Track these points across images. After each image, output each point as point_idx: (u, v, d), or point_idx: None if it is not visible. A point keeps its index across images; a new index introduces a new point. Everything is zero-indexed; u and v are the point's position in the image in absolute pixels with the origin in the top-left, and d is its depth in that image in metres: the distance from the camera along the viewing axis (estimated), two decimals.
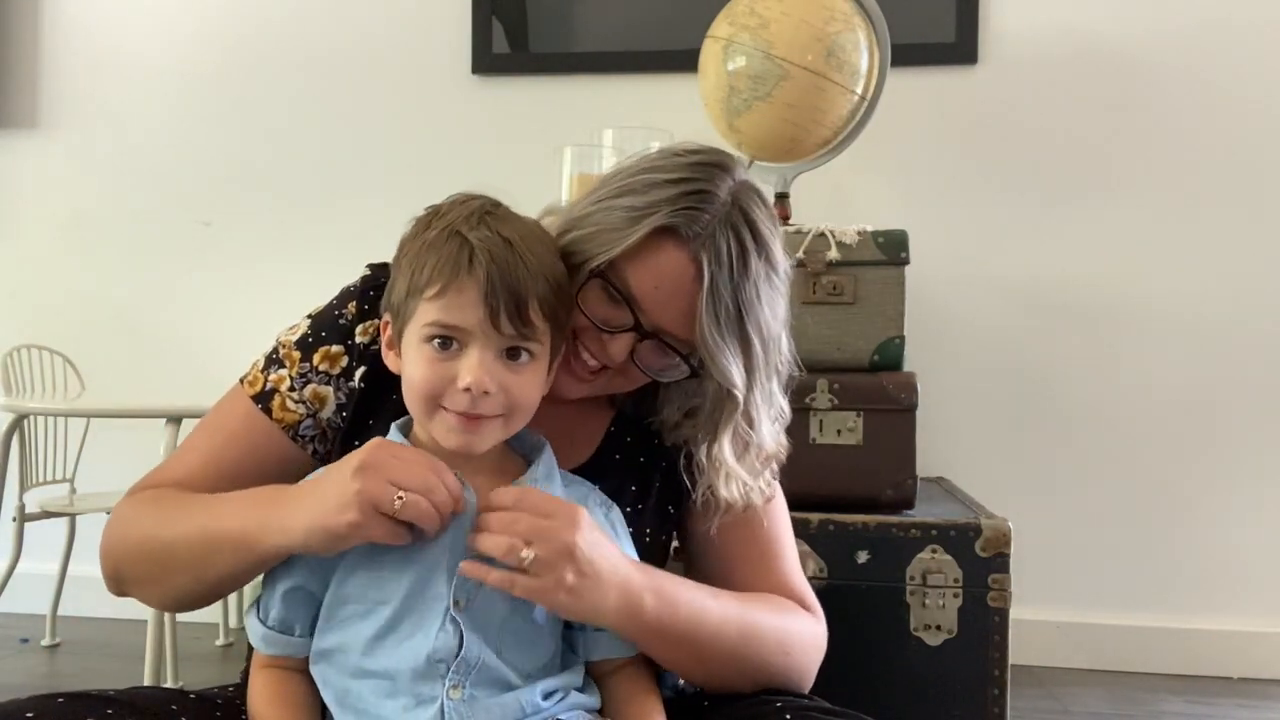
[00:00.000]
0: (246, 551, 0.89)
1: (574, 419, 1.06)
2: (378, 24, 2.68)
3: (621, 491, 1.03)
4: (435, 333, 0.86)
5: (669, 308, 0.94)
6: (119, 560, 0.98)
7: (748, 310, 0.94)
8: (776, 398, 1.02)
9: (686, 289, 0.93)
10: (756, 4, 1.97)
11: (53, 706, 0.85)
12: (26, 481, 2.39)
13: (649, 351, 0.97)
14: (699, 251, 0.93)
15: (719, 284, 0.92)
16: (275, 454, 1.00)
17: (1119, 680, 2.34)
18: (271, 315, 1.51)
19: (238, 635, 2.55)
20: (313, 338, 1.02)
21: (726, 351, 0.94)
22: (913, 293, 1.80)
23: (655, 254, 0.94)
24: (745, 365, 0.96)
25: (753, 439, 1.00)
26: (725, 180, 0.96)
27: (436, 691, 0.84)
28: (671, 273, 0.94)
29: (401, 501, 0.82)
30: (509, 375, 0.87)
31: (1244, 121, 2.41)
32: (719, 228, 0.93)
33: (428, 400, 0.87)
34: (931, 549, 1.63)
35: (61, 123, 2.81)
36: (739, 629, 0.97)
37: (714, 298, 0.92)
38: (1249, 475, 2.41)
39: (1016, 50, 2.47)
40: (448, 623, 0.86)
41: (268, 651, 0.91)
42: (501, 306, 0.85)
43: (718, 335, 0.93)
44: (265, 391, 1.00)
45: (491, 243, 0.86)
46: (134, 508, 0.99)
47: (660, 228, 0.93)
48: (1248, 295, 2.41)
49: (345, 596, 0.88)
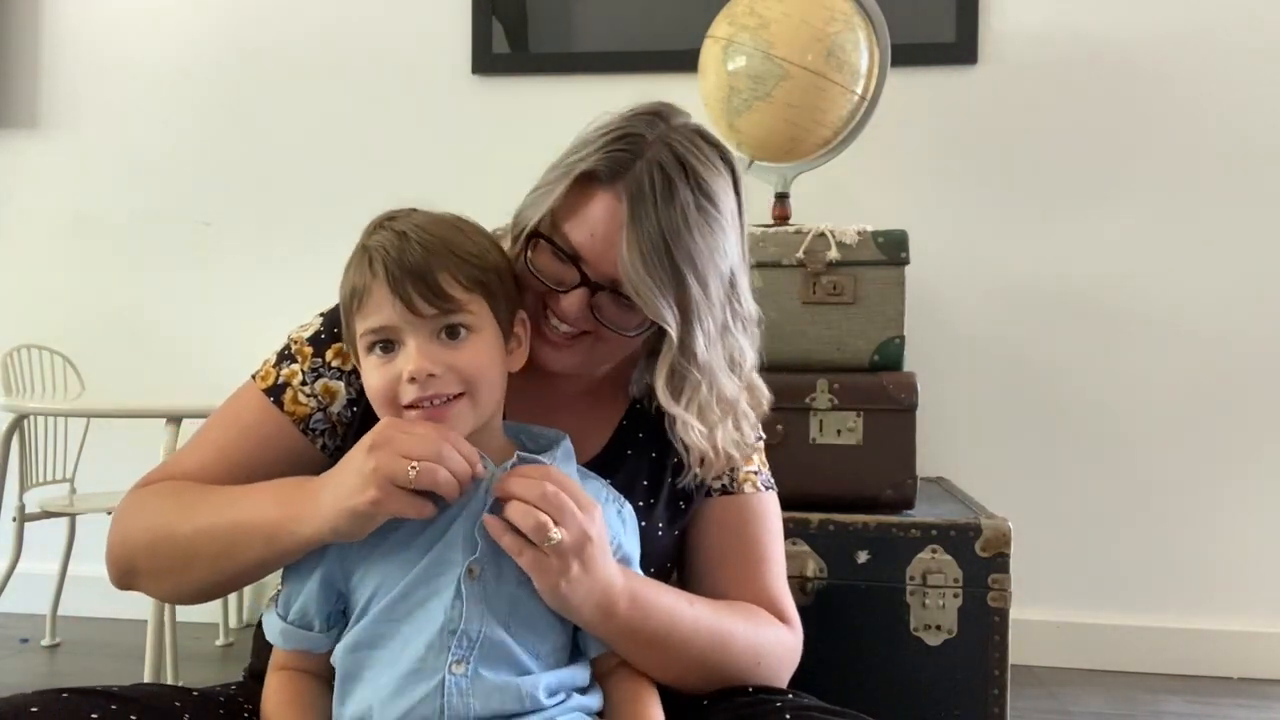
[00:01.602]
0: (277, 542, 0.90)
1: (585, 414, 1.06)
2: (378, 24, 2.68)
3: (633, 486, 1.03)
4: (371, 340, 0.89)
5: (608, 253, 0.94)
6: (133, 552, 0.97)
7: (674, 240, 0.92)
8: (737, 342, 1.01)
9: (618, 230, 0.93)
10: (756, 4, 1.97)
11: (57, 701, 0.86)
12: (26, 481, 2.39)
13: (609, 306, 0.96)
14: (621, 189, 0.93)
15: (639, 215, 0.92)
16: (286, 447, 1.00)
17: (1119, 680, 2.34)
18: (271, 315, 1.51)
19: (238, 635, 2.55)
20: (325, 334, 1.03)
21: (653, 285, 0.92)
22: (913, 293, 1.80)
23: (585, 202, 0.95)
24: (679, 300, 0.94)
25: (696, 379, 0.97)
26: (657, 125, 0.96)
27: (441, 663, 0.85)
28: (601, 216, 0.94)
29: (415, 471, 0.82)
30: (451, 354, 0.88)
31: (1244, 121, 2.41)
32: (643, 165, 0.93)
33: (388, 405, 0.89)
34: (931, 549, 1.63)
35: (61, 123, 2.81)
36: (710, 636, 0.97)
37: (636, 228, 0.92)
38: (1249, 475, 2.41)
39: (1016, 50, 2.47)
40: (459, 592, 0.86)
41: (285, 647, 0.92)
42: (411, 290, 0.86)
43: (642, 267, 0.92)
44: (277, 385, 1.01)
45: (385, 240, 0.89)
46: (149, 500, 0.98)
47: (583, 174, 0.95)
48: (1248, 295, 2.42)
49: (370, 582, 0.89)
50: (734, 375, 1.01)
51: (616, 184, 0.93)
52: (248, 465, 0.99)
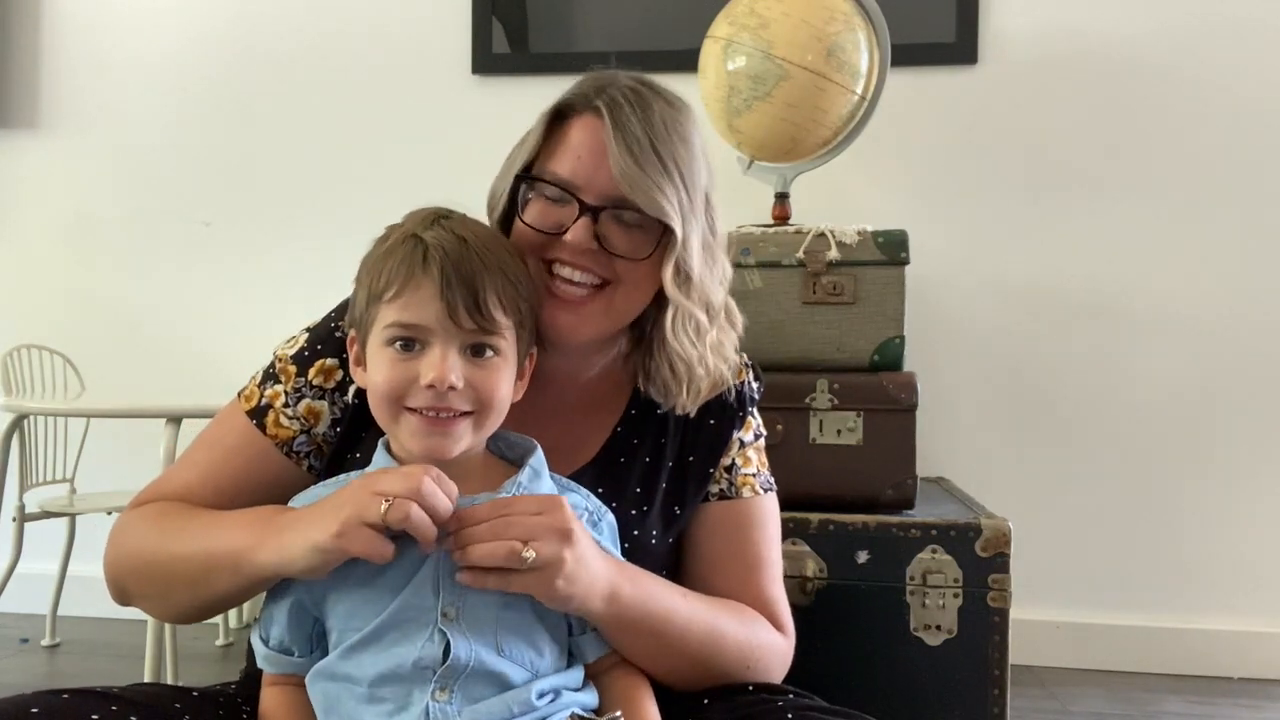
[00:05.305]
0: (242, 573, 0.89)
1: (580, 420, 1.06)
2: (378, 24, 2.68)
3: (625, 492, 1.03)
4: (396, 334, 0.87)
5: (600, 171, 0.97)
6: (122, 574, 0.99)
7: (657, 139, 0.96)
8: (718, 255, 1.04)
9: (603, 144, 0.96)
10: (756, 4, 1.97)
11: (57, 702, 0.86)
12: (26, 481, 2.39)
13: (614, 232, 0.98)
14: (600, 106, 0.97)
15: (621, 121, 0.96)
16: (271, 469, 1.00)
17: (1119, 680, 2.34)
18: (271, 315, 1.51)
19: (238, 635, 2.55)
20: (309, 351, 1.02)
21: (649, 179, 0.95)
22: (913, 293, 1.80)
23: (564, 134, 1.00)
24: (675, 193, 0.97)
25: (693, 274, 0.99)
26: (618, 75, 1.02)
27: (422, 695, 0.83)
28: (584, 138, 0.98)
29: (388, 506, 0.80)
30: (474, 371, 0.87)
31: (1244, 121, 2.41)
32: (613, 90, 0.99)
33: (391, 402, 0.87)
34: (931, 549, 1.63)
35: (61, 123, 2.80)
36: (704, 632, 0.98)
37: (620, 133, 0.95)
38: (1249, 475, 2.41)
39: (1016, 50, 2.47)
40: (435, 634, 0.85)
41: (271, 671, 0.91)
42: (459, 301, 0.85)
43: (634, 163, 0.95)
44: (260, 407, 1.01)
45: (445, 240, 0.88)
46: (136, 522, 0.99)
47: (557, 110, 1.01)
48: (1248, 295, 2.41)
49: (338, 616, 0.88)
50: (722, 286, 1.05)
51: (592, 104, 0.98)
52: (232, 488, 0.99)
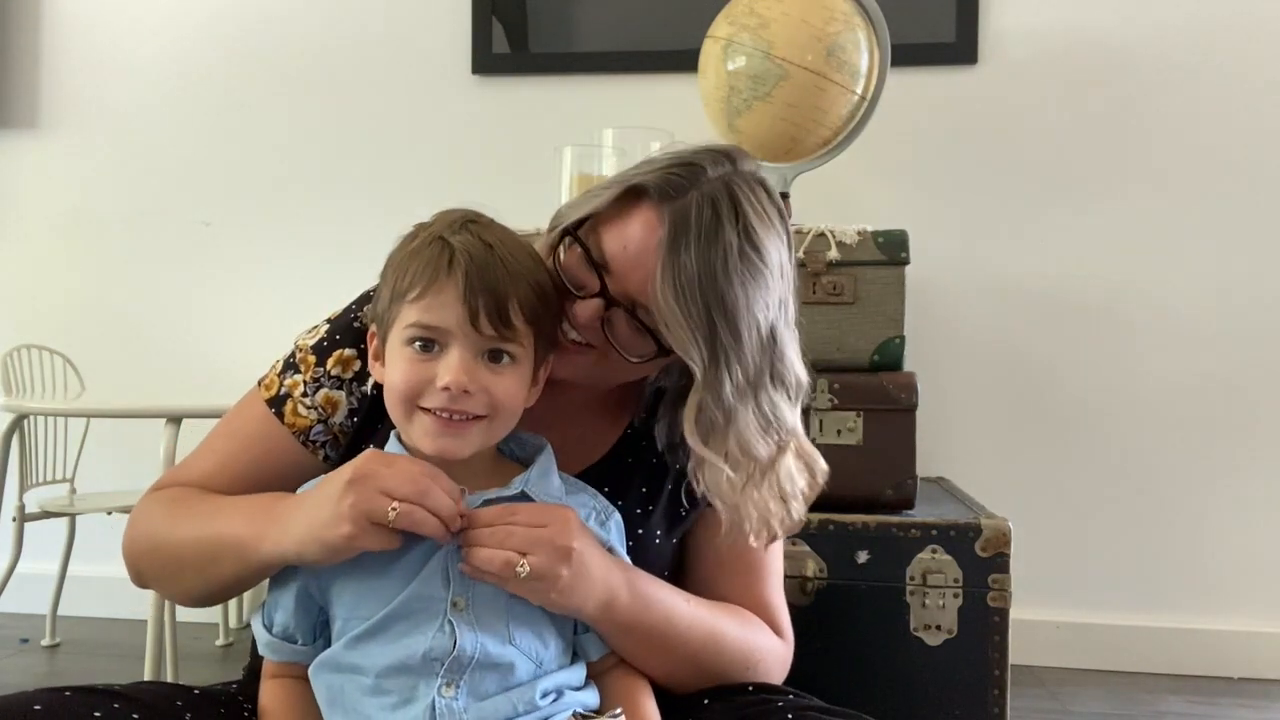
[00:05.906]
0: (245, 560, 0.91)
1: (590, 420, 1.06)
2: (377, 24, 2.68)
3: (629, 491, 1.03)
4: (416, 334, 0.87)
5: (636, 271, 0.91)
6: (137, 556, 1.01)
7: (708, 279, 0.88)
8: (771, 400, 0.94)
9: (653, 251, 0.90)
10: (756, 4, 1.97)
11: (60, 700, 0.86)
12: (26, 481, 2.38)
13: (621, 325, 0.94)
14: (666, 213, 0.90)
15: (679, 246, 0.88)
16: (288, 458, 1.01)
17: (1119, 680, 2.34)
18: (271, 315, 1.51)
19: (238, 635, 2.55)
20: (328, 341, 1.03)
21: (682, 319, 0.88)
22: (913, 293, 1.80)
23: (627, 214, 0.93)
24: (707, 341, 0.89)
25: (723, 426, 0.92)
26: (723, 163, 0.93)
27: (429, 689, 0.84)
28: (639, 233, 0.91)
29: (396, 513, 0.82)
30: (490, 376, 0.87)
31: (1244, 121, 2.41)
32: (695, 196, 0.90)
33: (406, 401, 0.88)
34: (931, 549, 1.63)
35: (61, 123, 2.81)
36: (705, 635, 0.98)
37: (673, 259, 0.88)
38: (1249, 475, 2.41)
39: (1016, 50, 2.47)
40: (445, 624, 0.86)
41: (273, 658, 0.92)
42: (481, 306, 0.85)
43: (673, 299, 0.88)
44: (279, 396, 1.02)
45: (471, 245, 0.88)
46: (152, 506, 1.01)
47: (632, 187, 0.92)
48: (1249, 295, 2.41)
49: (344, 604, 0.88)
50: (767, 437, 0.94)
51: (663, 206, 0.90)
52: (250, 475, 1.00)
